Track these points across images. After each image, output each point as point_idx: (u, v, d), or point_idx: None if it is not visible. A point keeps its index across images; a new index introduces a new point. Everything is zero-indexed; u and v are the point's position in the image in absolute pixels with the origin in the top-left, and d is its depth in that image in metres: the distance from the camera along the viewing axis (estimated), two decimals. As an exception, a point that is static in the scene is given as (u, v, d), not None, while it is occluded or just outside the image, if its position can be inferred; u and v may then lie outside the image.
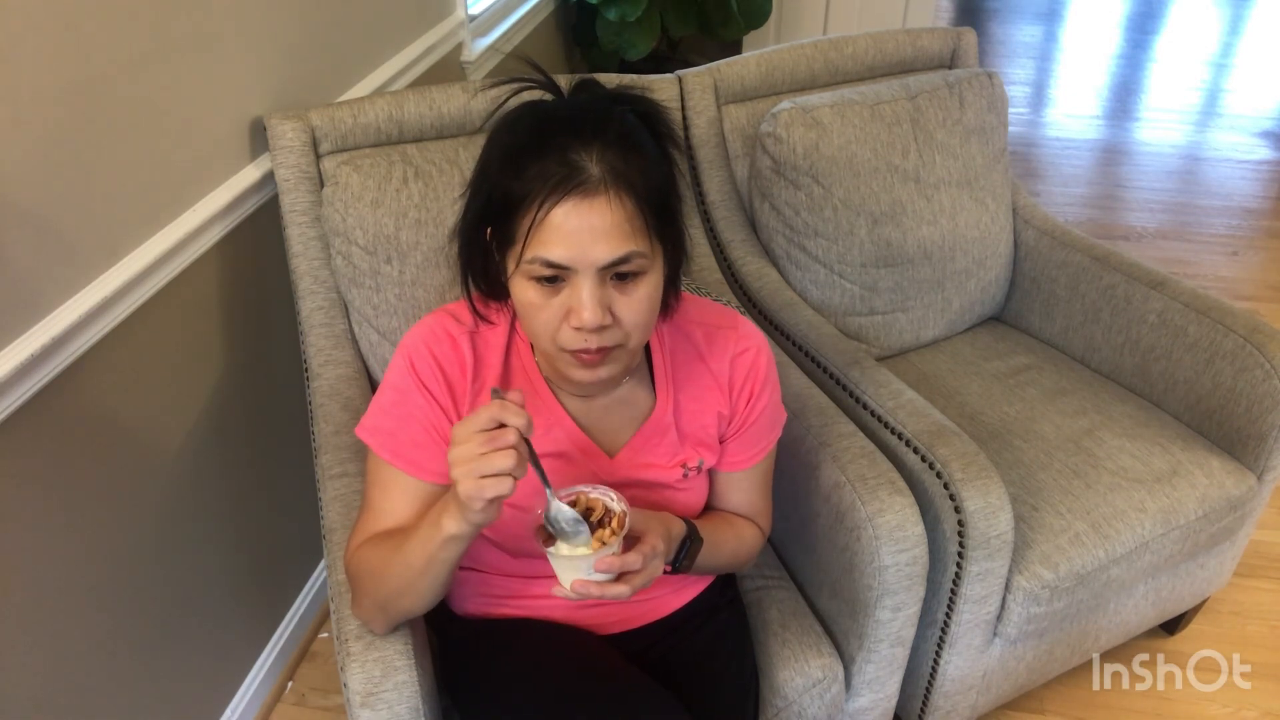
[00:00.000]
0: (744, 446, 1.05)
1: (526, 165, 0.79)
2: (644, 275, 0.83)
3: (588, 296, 0.80)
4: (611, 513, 0.86)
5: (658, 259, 0.84)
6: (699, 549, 0.97)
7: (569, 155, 0.78)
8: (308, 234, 1.33)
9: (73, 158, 1.07)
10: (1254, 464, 1.43)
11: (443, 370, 0.94)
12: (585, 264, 0.79)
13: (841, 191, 1.55)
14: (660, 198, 0.83)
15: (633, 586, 0.84)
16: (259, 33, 1.39)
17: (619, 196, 0.78)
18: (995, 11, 5.81)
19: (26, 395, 1.01)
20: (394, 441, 0.93)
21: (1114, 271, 1.61)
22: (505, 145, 0.83)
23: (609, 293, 0.82)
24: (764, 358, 1.03)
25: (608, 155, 0.78)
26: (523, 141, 0.81)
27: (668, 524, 0.94)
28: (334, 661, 1.27)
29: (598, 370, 0.87)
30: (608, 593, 0.83)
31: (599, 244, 0.78)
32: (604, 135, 0.79)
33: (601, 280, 0.81)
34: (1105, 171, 3.73)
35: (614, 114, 0.82)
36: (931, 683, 1.35)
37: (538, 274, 0.81)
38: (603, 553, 0.82)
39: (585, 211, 0.78)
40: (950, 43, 1.81)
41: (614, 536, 0.84)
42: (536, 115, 0.82)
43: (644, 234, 0.81)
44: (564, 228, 0.78)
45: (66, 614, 1.13)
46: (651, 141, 0.84)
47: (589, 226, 0.78)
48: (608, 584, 0.83)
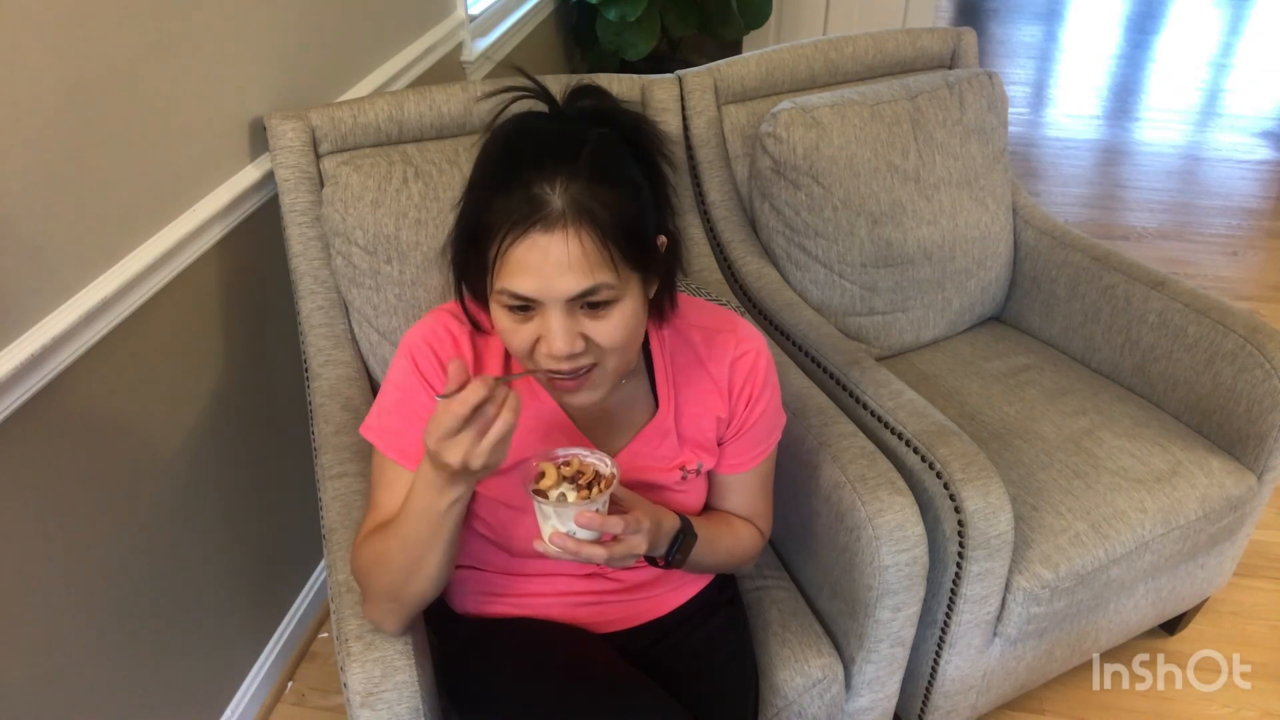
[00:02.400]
0: (743, 449, 1.05)
1: (494, 198, 0.80)
2: (615, 303, 0.82)
3: (556, 327, 0.80)
4: (601, 476, 0.87)
5: (630, 285, 0.83)
6: (692, 544, 0.98)
7: (532, 190, 0.78)
8: (308, 234, 1.33)
9: (72, 158, 1.07)
10: (1254, 464, 1.43)
11: (445, 367, 0.93)
12: (550, 296, 0.79)
13: (841, 191, 1.55)
14: (630, 229, 0.81)
15: (610, 553, 0.84)
16: (259, 33, 1.39)
17: (579, 231, 0.77)
18: (995, 11, 5.81)
19: (26, 396, 1.01)
20: (399, 440, 0.93)
21: (1114, 271, 1.61)
22: (480, 173, 0.84)
23: (579, 320, 0.82)
24: (763, 360, 1.03)
25: (572, 188, 0.77)
26: (493, 171, 0.82)
27: (659, 514, 0.94)
28: (334, 661, 1.27)
29: (578, 395, 0.88)
30: (583, 551, 0.83)
31: (562, 277, 0.78)
32: (571, 165, 0.78)
33: (570, 310, 0.81)
34: (1105, 171, 3.73)
35: (588, 139, 0.80)
36: (931, 683, 1.35)
37: (507, 303, 0.82)
38: (581, 506, 0.83)
39: (545, 246, 0.77)
40: (950, 43, 1.81)
41: (600, 494, 0.84)
42: (509, 143, 0.82)
43: (608, 266, 0.80)
44: (526, 261, 0.78)
45: (66, 615, 1.13)
46: (633, 164, 0.83)
47: (551, 261, 0.78)
48: (585, 544, 0.84)
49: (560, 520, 0.84)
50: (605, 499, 0.85)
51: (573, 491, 0.85)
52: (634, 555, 0.87)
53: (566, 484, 0.86)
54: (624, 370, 0.91)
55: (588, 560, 0.84)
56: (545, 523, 0.85)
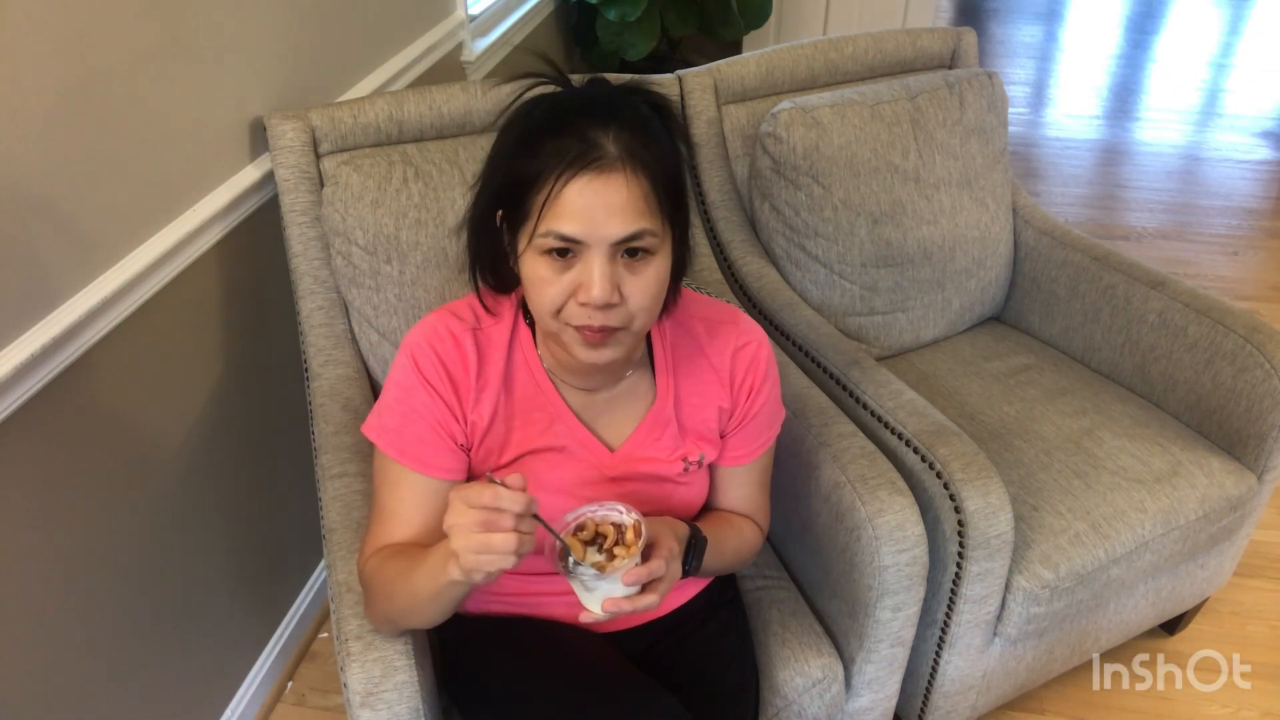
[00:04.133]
0: (744, 441, 1.05)
1: (543, 143, 0.81)
2: (653, 256, 0.84)
3: (598, 273, 0.81)
4: (623, 527, 0.86)
5: (667, 242, 0.86)
6: (704, 547, 0.98)
7: (586, 133, 0.80)
8: (308, 234, 1.33)
9: (71, 158, 1.07)
10: (1254, 464, 1.43)
11: (446, 368, 0.94)
12: (597, 239, 0.80)
13: (841, 191, 1.55)
14: (673, 181, 0.85)
15: (660, 593, 0.85)
16: (259, 33, 1.39)
17: (635, 174, 0.80)
18: (995, 11, 5.81)
19: (25, 396, 1.01)
20: (401, 439, 0.93)
21: (1114, 271, 1.61)
22: (521, 129, 0.85)
23: (618, 270, 0.83)
24: (764, 352, 1.04)
25: (623, 136, 0.80)
26: (540, 123, 0.83)
27: (673, 526, 0.94)
28: (334, 661, 1.27)
29: (601, 350, 0.86)
30: (639, 605, 0.83)
31: (613, 219, 0.80)
32: (620, 118, 0.81)
33: (612, 257, 0.82)
34: (1105, 171, 3.73)
35: (629, 102, 0.85)
36: (931, 683, 1.35)
37: (550, 246, 0.82)
38: (625, 565, 0.82)
39: (600, 187, 0.79)
40: (950, 43, 1.81)
41: (634, 549, 0.83)
42: (554, 100, 0.85)
43: (656, 213, 0.82)
44: (578, 202, 0.79)
45: (66, 615, 1.13)
46: (664, 132, 0.86)
47: (604, 202, 0.79)
48: (636, 597, 0.83)
49: (608, 588, 0.83)
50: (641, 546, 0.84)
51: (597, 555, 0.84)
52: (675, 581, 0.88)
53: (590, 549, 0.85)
54: (639, 341, 0.93)
55: (645, 610, 0.84)
56: (590, 595, 0.84)
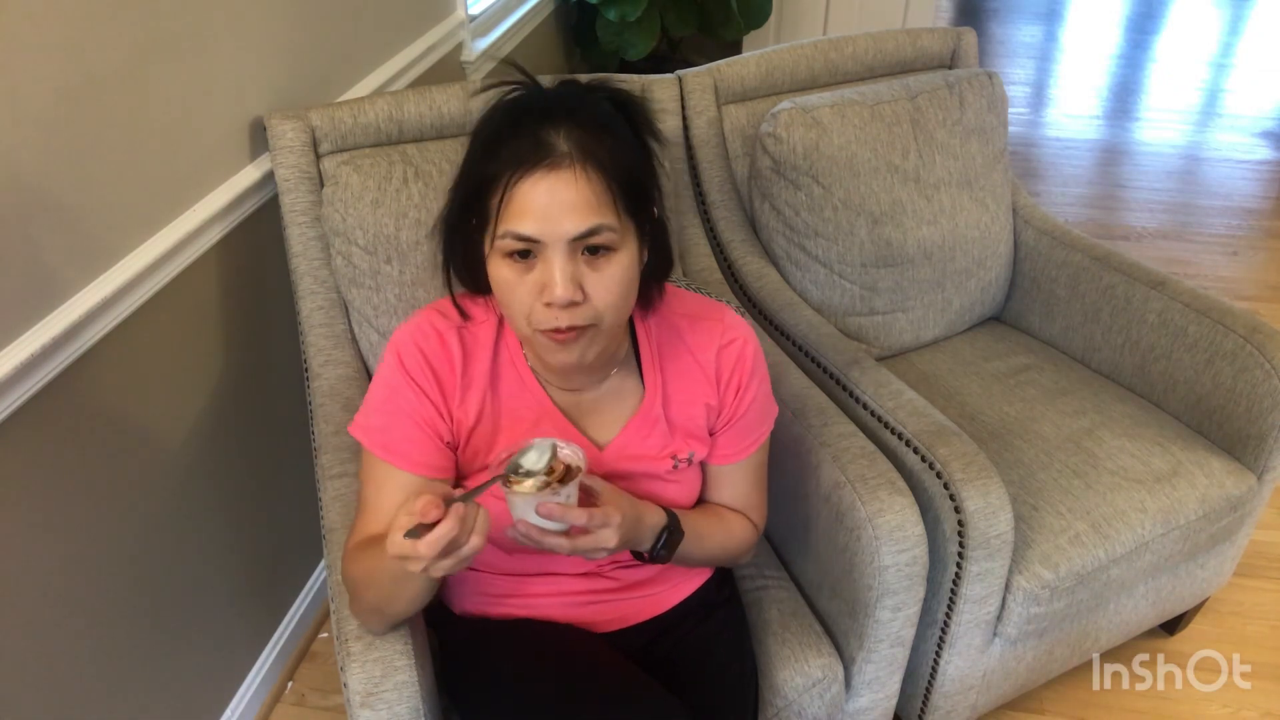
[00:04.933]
0: (735, 439, 1.05)
1: (501, 147, 0.83)
2: (615, 251, 0.84)
3: (558, 271, 0.82)
4: (571, 469, 0.86)
5: (628, 236, 0.86)
6: (679, 541, 0.97)
7: (539, 134, 0.81)
8: (308, 234, 1.33)
9: (71, 158, 1.07)
10: (1254, 464, 1.43)
11: (431, 366, 0.94)
12: (554, 236, 0.81)
13: (841, 191, 1.55)
14: (630, 176, 0.85)
15: (575, 546, 0.84)
16: (259, 32, 1.39)
17: (587, 169, 0.81)
18: (995, 11, 5.81)
19: (25, 396, 1.01)
20: (386, 437, 0.94)
21: (1114, 271, 1.61)
22: (483, 136, 0.86)
23: (580, 268, 0.83)
24: (750, 348, 1.03)
25: (576, 133, 0.81)
26: (498, 126, 0.85)
27: (640, 510, 0.93)
28: (334, 661, 1.27)
29: (572, 350, 0.86)
30: (546, 541, 0.84)
31: (566, 216, 0.80)
32: (576, 116, 0.83)
33: (572, 255, 0.82)
34: (1105, 171, 3.73)
35: (588, 100, 0.86)
36: (931, 683, 1.35)
37: (509, 249, 0.83)
38: (547, 497, 0.82)
39: (552, 184, 0.80)
40: (950, 43, 1.81)
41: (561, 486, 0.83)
42: (513, 103, 0.86)
43: (611, 209, 0.83)
44: (532, 201, 0.80)
45: (66, 615, 1.13)
46: (627, 129, 0.87)
47: (556, 200, 0.80)
48: (549, 533, 0.84)
49: (525, 510, 0.84)
50: (570, 490, 0.84)
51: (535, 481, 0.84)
52: (604, 549, 0.86)
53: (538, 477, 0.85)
54: (614, 339, 0.92)
55: (552, 549, 0.84)
56: (514, 510, 0.86)
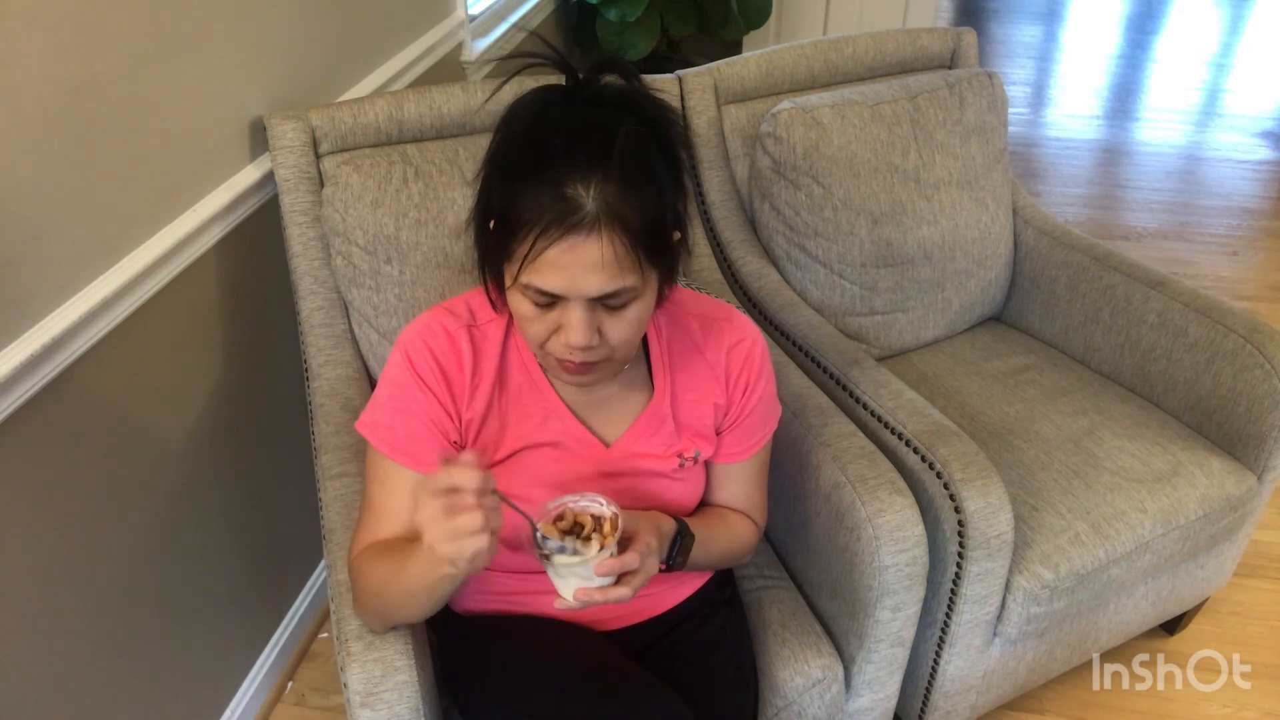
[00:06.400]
0: (740, 438, 1.05)
1: (523, 191, 0.79)
2: (635, 300, 0.85)
3: (577, 321, 0.82)
4: (601, 519, 0.86)
5: (650, 284, 0.86)
6: (691, 545, 0.98)
7: (564, 190, 0.77)
8: (308, 234, 1.33)
9: (72, 158, 1.07)
10: (1254, 464, 1.43)
11: (440, 365, 0.94)
12: (576, 294, 0.81)
13: (841, 191, 1.55)
14: (655, 228, 0.82)
15: (633, 587, 0.85)
16: (259, 32, 1.39)
17: (611, 235, 0.78)
18: (995, 11, 5.81)
19: (25, 396, 1.01)
20: (393, 435, 0.94)
21: (1114, 271, 1.61)
22: (505, 163, 0.83)
23: (598, 316, 0.84)
24: (759, 349, 1.04)
25: (605, 190, 0.77)
26: (520, 166, 0.80)
27: (657, 521, 0.94)
28: (334, 661, 1.27)
29: (584, 379, 0.90)
30: (610, 596, 0.84)
31: (590, 278, 0.80)
32: (605, 166, 0.78)
33: (591, 306, 0.83)
34: (1105, 171, 3.73)
35: (618, 134, 0.79)
36: (931, 683, 1.35)
37: (533, 298, 0.83)
38: (599, 556, 0.83)
39: (579, 249, 0.78)
40: (950, 43, 1.81)
41: (609, 540, 0.84)
42: (538, 130, 0.81)
43: (635, 269, 0.81)
44: (557, 262, 0.79)
45: (66, 615, 1.13)
46: (658, 155, 0.83)
47: (582, 263, 0.79)
48: (609, 588, 0.84)
49: (581, 577, 0.84)
50: (614, 544, 0.85)
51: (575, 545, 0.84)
52: (651, 575, 0.88)
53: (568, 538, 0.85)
54: (627, 361, 0.93)
55: (616, 601, 0.85)
56: (564, 582, 0.85)
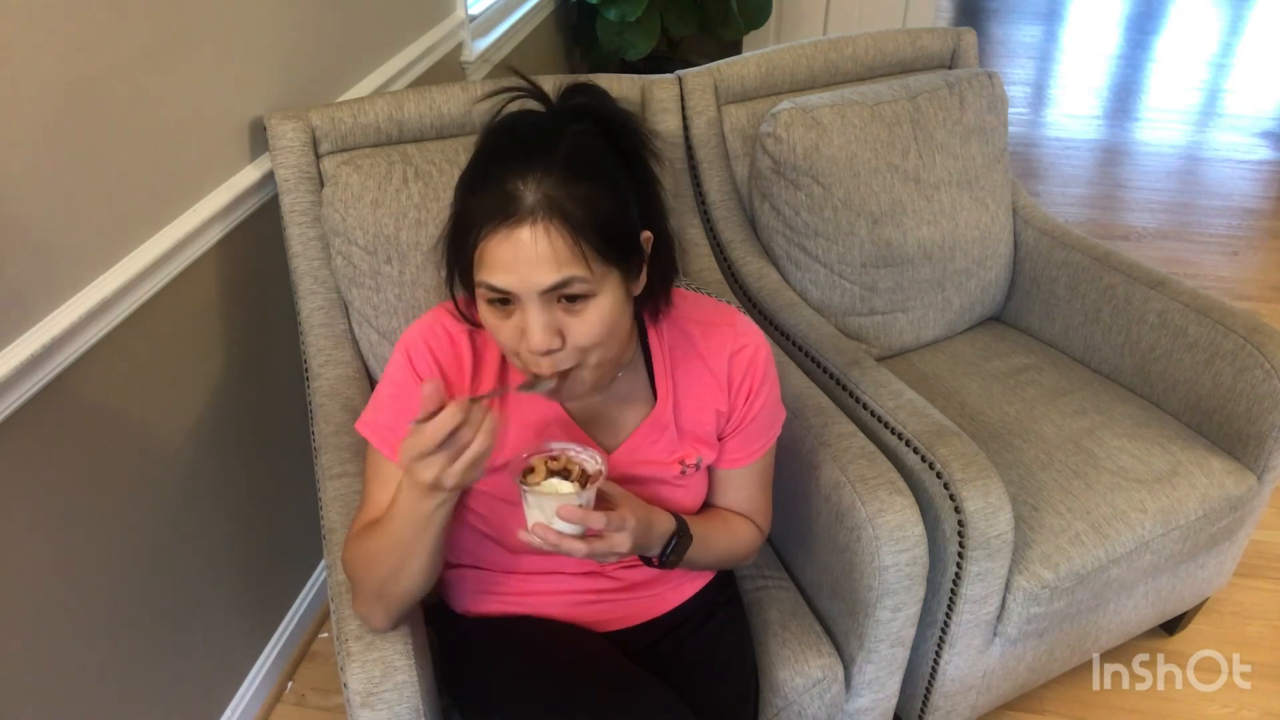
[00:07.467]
0: (743, 444, 1.05)
1: (475, 193, 0.83)
2: (592, 297, 0.83)
3: (534, 322, 0.82)
4: (588, 473, 0.88)
5: (607, 281, 0.84)
6: (687, 546, 0.98)
7: (506, 186, 0.80)
8: (308, 234, 1.33)
9: (72, 158, 1.07)
10: (1254, 464, 1.43)
11: (441, 366, 0.94)
12: (525, 288, 0.81)
13: (841, 191, 1.55)
14: (605, 222, 0.82)
15: (590, 549, 0.85)
16: (259, 33, 1.39)
17: (552, 223, 0.79)
18: (995, 11, 5.81)
19: (25, 396, 1.01)
20: (393, 435, 0.94)
21: (1114, 271, 1.61)
22: (466, 172, 0.86)
23: (557, 315, 0.83)
24: (762, 354, 1.03)
25: (546, 183, 0.79)
26: (475, 169, 0.84)
27: (652, 514, 0.94)
28: (334, 661, 1.27)
29: (558, 391, 0.88)
30: (562, 544, 0.84)
31: (533, 270, 0.80)
32: (546, 160, 0.80)
33: (547, 303, 0.82)
34: (1105, 171, 3.73)
35: (566, 135, 0.82)
36: (931, 683, 1.35)
37: (488, 297, 0.84)
38: (564, 499, 0.84)
39: (516, 241, 0.79)
40: (950, 43, 1.81)
41: (583, 489, 0.85)
42: (494, 141, 0.85)
43: (580, 260, 0.81)
44: (501, 256, 0.80)
45: (66, 615, 1.13)
46: (612, 160, 0.85)
47: (523, 255, 0.80)
48: (565, 537, 0.84)
49: (542, 512, 0.85)
50: (589, 495, 0.86)
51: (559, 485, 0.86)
52: (617, 553, 0.88)
53: (555, 478, 0.87)
54: (610, 368, 0.92)
55: (568, 553, 0.85)
56: (530, 513, 0.87)
